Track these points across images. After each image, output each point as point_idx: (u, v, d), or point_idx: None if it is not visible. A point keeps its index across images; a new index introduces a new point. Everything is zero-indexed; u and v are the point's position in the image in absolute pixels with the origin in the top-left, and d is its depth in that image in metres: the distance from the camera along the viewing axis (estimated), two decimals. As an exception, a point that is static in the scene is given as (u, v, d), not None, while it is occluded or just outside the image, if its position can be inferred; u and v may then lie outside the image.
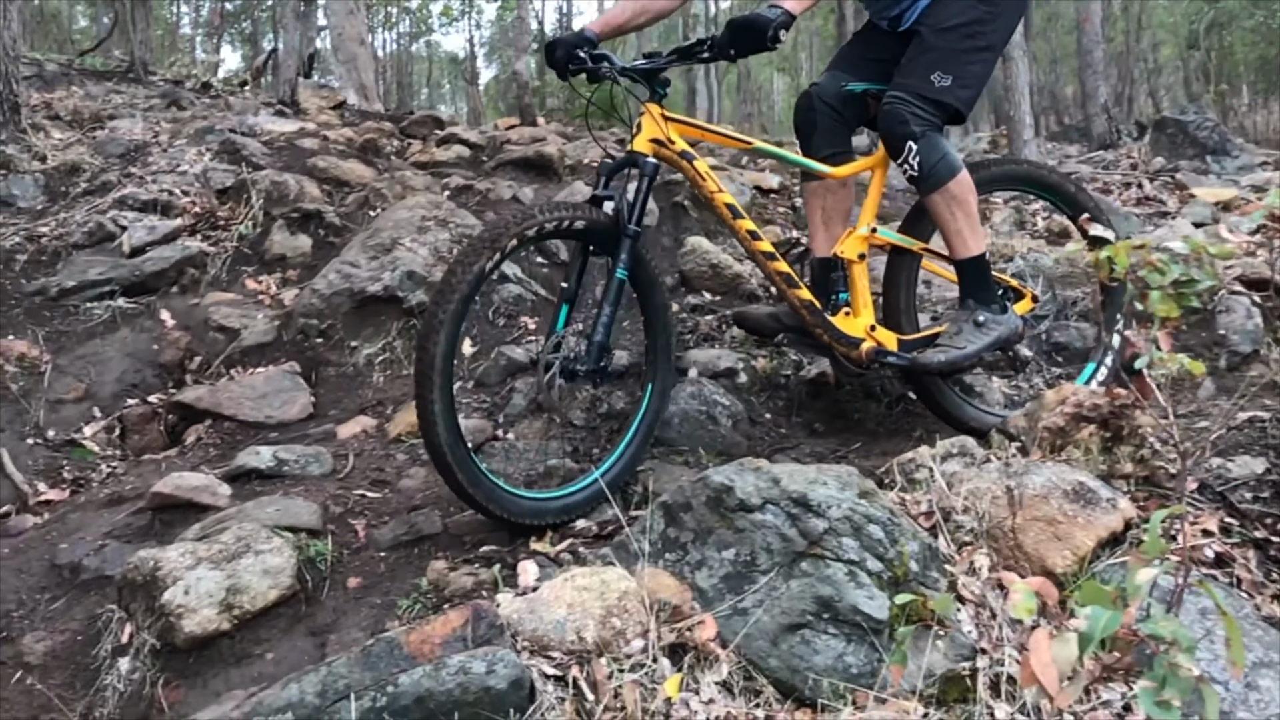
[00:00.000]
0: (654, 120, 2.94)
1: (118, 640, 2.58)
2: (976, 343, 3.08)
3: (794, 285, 3.06)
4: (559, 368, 2.76)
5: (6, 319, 4.67)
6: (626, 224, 2.83)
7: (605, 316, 2.80)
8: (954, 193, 3.04)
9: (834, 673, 2.08)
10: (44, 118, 7.33)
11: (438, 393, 2.58)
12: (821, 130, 3.28)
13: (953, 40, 3.03)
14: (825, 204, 3.31)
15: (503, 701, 1.89)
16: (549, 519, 2.81)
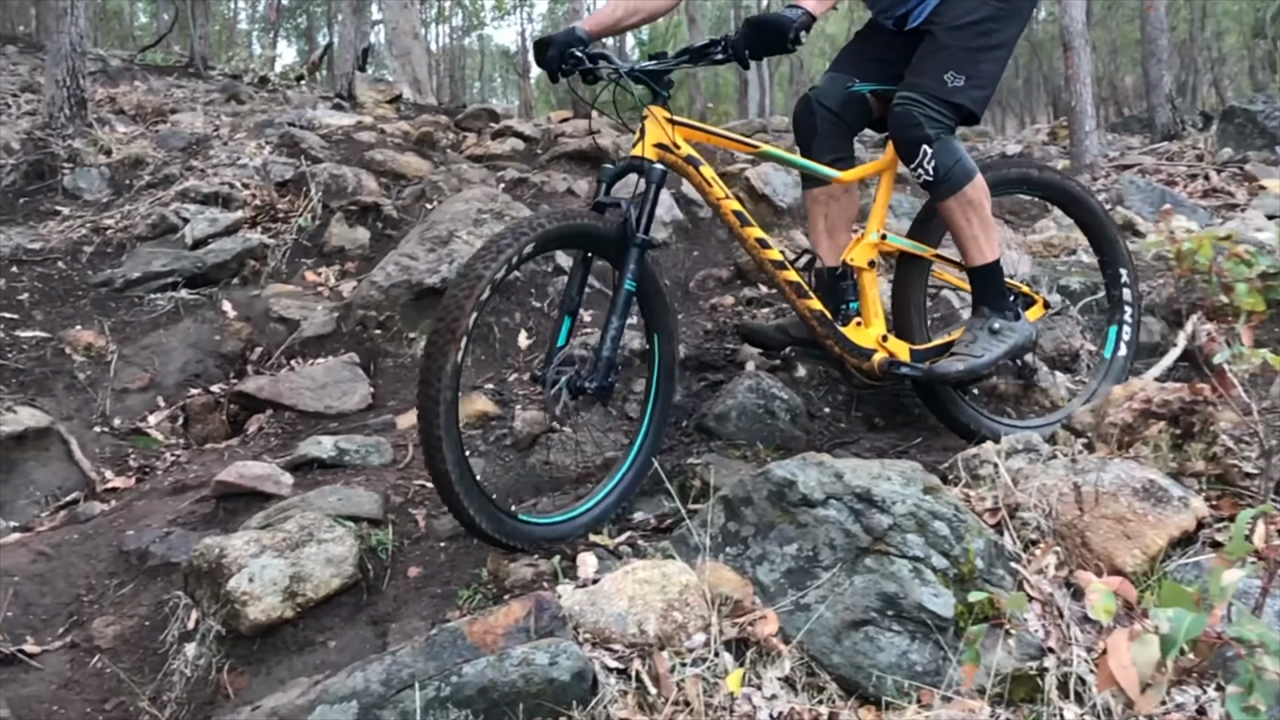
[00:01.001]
0: (659, 124, 2.80)
1: (184, 626, 2.62)
2: (993, 351, 2.98)
3: (804, 295, 2.93)
4: (566, 385, 2.62)
5: (74, 309, 4.77)
6: (634, 233, 2.69)
7: (613, 330, 2.67)
8: (970, 197, 2.93)
9: (898, 670, 2.05)
10: (109, 112, 7.49)
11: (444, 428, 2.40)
12: (822, 135, 3.15)
13: (965, 39, 2.92)
14: (829, 212, 3.19)
15: (565, 693, 1.89)
16: (561, 539, 2.68)
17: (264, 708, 2.06)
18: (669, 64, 2.84)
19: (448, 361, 2.36)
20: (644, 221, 2.71)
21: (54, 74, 6.93)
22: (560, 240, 2.68)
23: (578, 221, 2.66)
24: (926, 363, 3.04)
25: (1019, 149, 8.91)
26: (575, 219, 2.67)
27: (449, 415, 2.38)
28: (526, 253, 2.53)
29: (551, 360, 2.66)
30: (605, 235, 2.70)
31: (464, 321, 2.38)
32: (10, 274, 5.03)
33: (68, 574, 3.02)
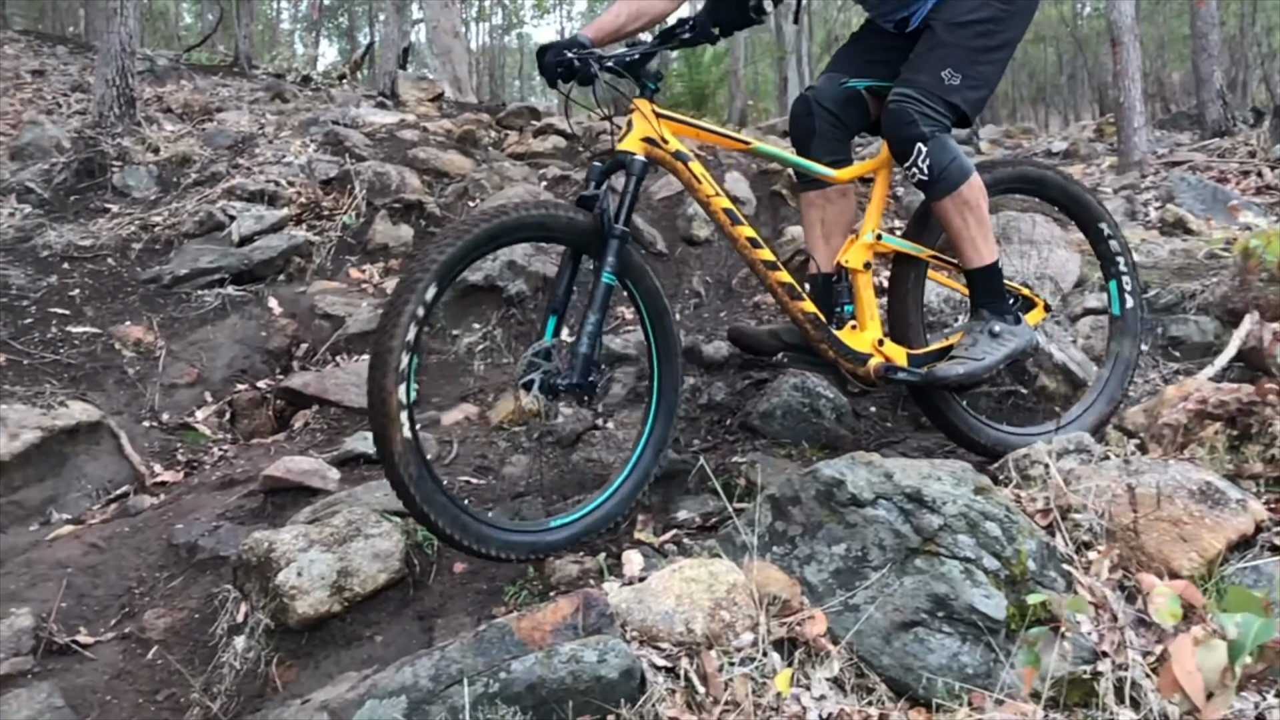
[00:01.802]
0: (645, 117, 2.72)
1: (233, 619, 2.65)
2: (994, 354, 2.88)
3: (797, 297, 2.85)
4: (539, 383, 2.54)
5: (123, 305, 4.84)
6: (612, 225, 2.60)
7: (591, 325, 2.57)
8: (966, 197, 2.83)
9: (949, 672, 2.03)
10: (156, 111, 7.59)
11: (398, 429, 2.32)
12: (820, 136, 3.06)
13: (965, 37, 2.84)
14: (825, 215, 3.10)
15: (614, 691, 1.89)
16: (542, 552, 2.59)
17: (314, 701, 2.07)
18: (641, 51, 2.74)
19: (396, 343, 2.30)
20: (624, 213, 2.63)
21: (104, 73, 7.04)
22: (524, 230, 2.55)
23: (547, 212, 2.58)
24: (925, 367, 2.95)
25: (1065, 146, 8.79)
26: (545, 209, 2.60)
27: (397, 397, 2.30)
28: (485, 239, 2.44)
29: (526, 357, 2.59)
30: (580, 227, 2.61)
31: (409, 309, 2.32)
32: (62, 270, 5.11)
33: (119, 566, 3.06)
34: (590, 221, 2.61)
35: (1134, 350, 3.22)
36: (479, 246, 2.46)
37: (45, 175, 6.22)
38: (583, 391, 2.56)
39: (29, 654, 2.67)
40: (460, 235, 2.41)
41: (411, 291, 2.33)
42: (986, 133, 10.61)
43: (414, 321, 2.33)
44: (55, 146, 6.58)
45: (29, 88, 9.09)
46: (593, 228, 2.61)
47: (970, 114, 2.91)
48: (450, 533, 2.39)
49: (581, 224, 2.61)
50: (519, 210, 2.52)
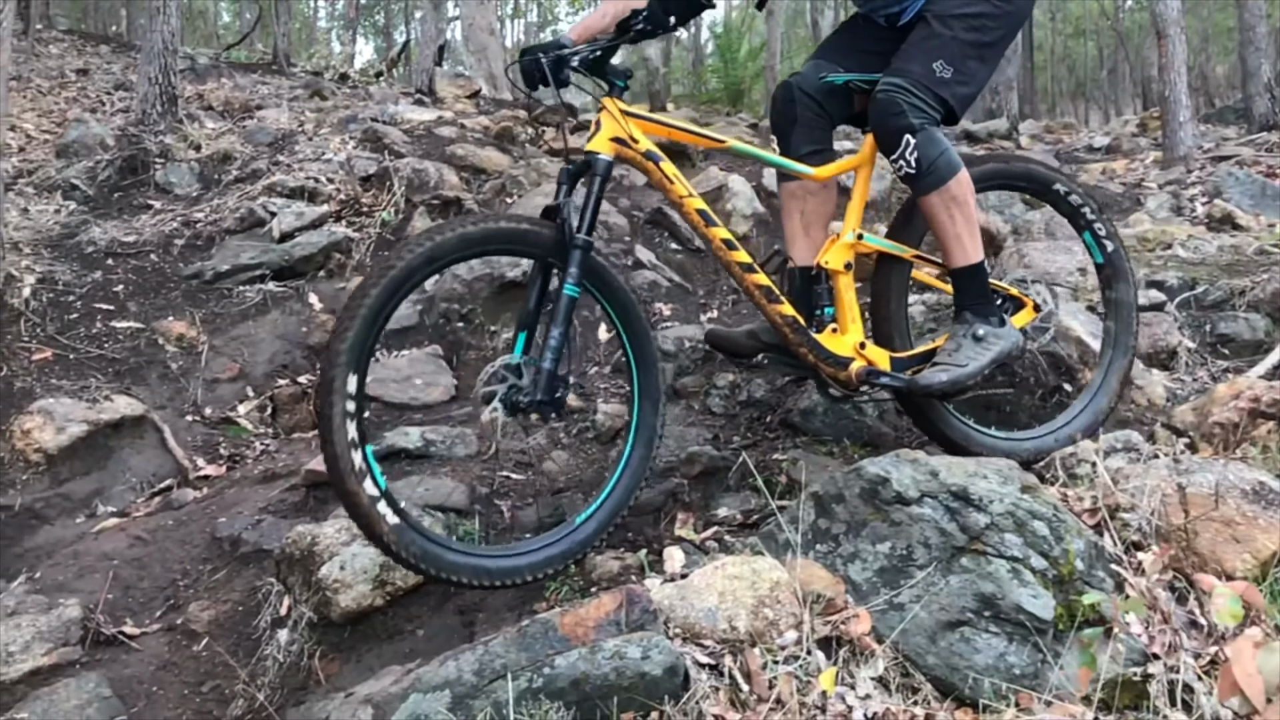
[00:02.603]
0: (613, 117, 2.60)
1: (276, 612, 2.67)
2: (978, 359, 2.76)
3: (775, 300, 2.74)
4: (502, 400, 2.43)
5: (166, 301, 4.89)
6: (574, 234, 2.47)
7: (554, 339, 2.45)
8: (954, 193, 2.73)
9: (995, 673, 2.01)
10: (198, 108, 7.67)
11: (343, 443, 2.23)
12: (802, 125, 2.95)
13: (958, 30, 2.75)
14: (805, 207, 2.99)
15: (657, 688, 1.88)
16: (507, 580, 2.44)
17: (357, 695, 2.08)
18: (599, 46, 2.62)
19: (342, 353, 2.23)
20: (586, 221, 2.50)
21: (147, 71, 7.12)
22: (482, 244, 2.45)
23: (503, 225, 2.47)
24: (908, 371, 2.84)
25: (1107, 141, 8.67)
26: (506, 221, 2.49)
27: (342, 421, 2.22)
28: (440, 256, 2.37)
29: (487, 373, 2.48)
30: (543, 239, 2.50)
31: (356, 328, 2.25)
32: (106, 266, 5.18)
33: (163, 559, 3.09)
34: (553, 232, 2.50)
35: (1130, 292, 3.11)
36: (438, 260, 2.38)
37: (90, 172, 6.31)
38: (547, 408, 2.47)
39: (77, 644, 2.71)
40: (420, 247, 2.35)
41: (354, 315, 2.26)
42: (1026, 128, 10.50)
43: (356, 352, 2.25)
44: (99, 144, 6.67)
45: (73, 86, 9.23)
46: (556, 239, 2.50)
47: (958, 111, 2.81)
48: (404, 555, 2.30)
49: (544, 236, 2.50)
50: (482, 223, 2.45)
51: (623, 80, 2.66)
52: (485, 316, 4.58)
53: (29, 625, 2.74)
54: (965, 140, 8.97)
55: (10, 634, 2.71)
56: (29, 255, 5.17)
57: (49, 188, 6.18)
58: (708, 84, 14.64)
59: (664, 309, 4.60)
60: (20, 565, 3.22)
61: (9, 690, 2.58)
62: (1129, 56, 23.84)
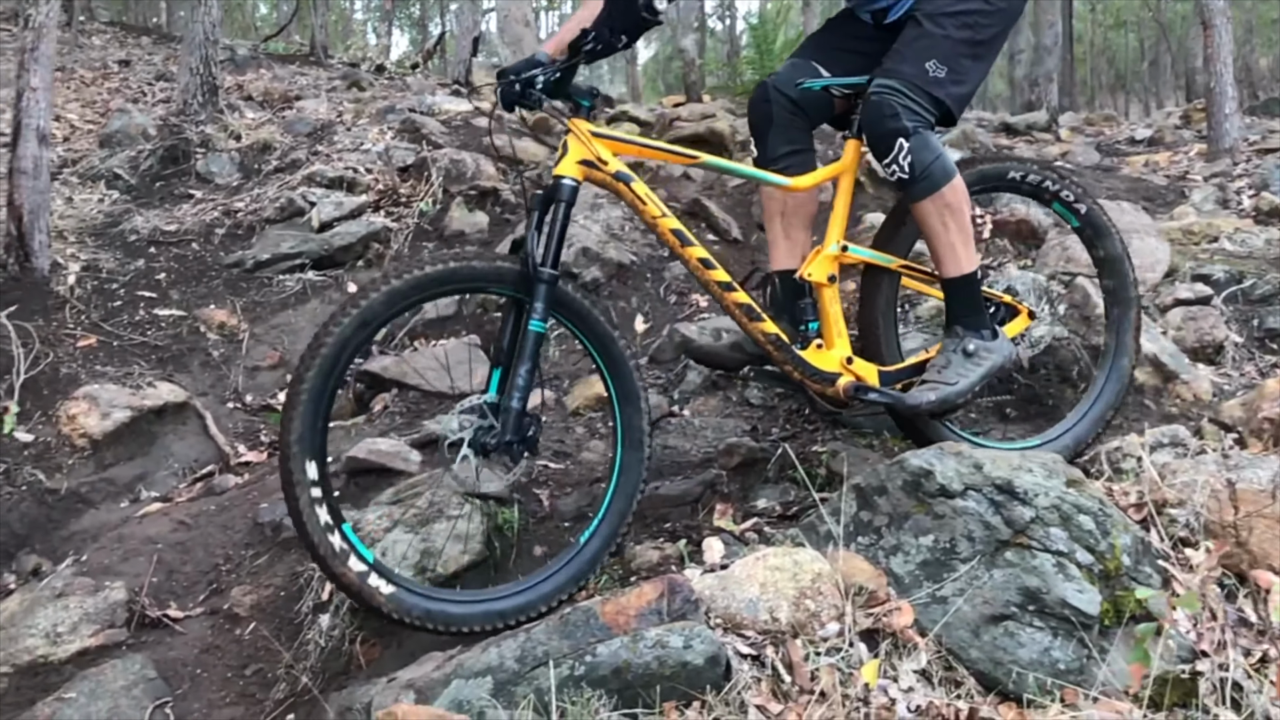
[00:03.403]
0: (580, 139, 2.49)
1: (318, 597, 2.69)
2: (968, 376, 2.67)
3: (756, 318, 2.64)
4: (470, 442, 2.36)
5: (208, 289, 4.95)
6: (537, 268, 2.36)
7: (521, 378, 2.37)
8: (948, 200, 2.64)
9: (1040, 667, 1.99)
10: (238, 99, 7.74)
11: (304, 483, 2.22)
12: (779, 126, 2.85)
13: (950, 28, 2.65)
14: (785, 209, 2.90)
15: (699, 677, 1.88)
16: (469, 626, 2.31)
17: (399, 680, 2.09)
18: (556, 68, 2.50)
19: (293, 445, 2.21)
20: (551, 252, 2.39)
21: (188, 62, 7.20)
22: (440, 284, 2.36)
23: (469, 264, 2.39)
24: (897, 386, 2.76)
25: (1149, 133, 8.54)
26: (467, 260, 2.41)
27: (311, 511, 2.21)
28: (400, 300, 2.30)
29: (454, 415, 2.41)
30: (507, 274, 2.40)
31: (300, 415, 2.22)
32: (149, 255, 5.24)
33: (206, 543, 3.13)
34: (517, 266, 2.40)
35: (1116, 245, 3.00)
36: (405, 297, 2.32)
37: (132, 162, 6.39)
38: (517, 449, 2.38)
39: (123, 626, 2.75)
40: (386, 283, 2.30)
41: (296, 404, 2.23)
42: (1066, 120, 10.35)
43: (307, 440, 2.22)
44: (141, 134, 6.75)
45: (115, 77, 9.36)
46: (522, 274, 2.39)
47: (954, 111, 2.71)
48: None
49: (508, 271, 2.40)
50: (440, 264, 2.35)
51: (588, 100, 2.55)
52: (524, 305, 4.59)
53: (76, 607, 2.78)
54: (1004, 133, 8.87)
55: (59, 615, 2.76)
56: (74, 243, 5.25)
57: (93, 177, 6.27)
58: (743, 75, 14.53)
59: (700, 300, 4.59)
60: (67, 548, 3.27)
61: (57, 670, 2.62)
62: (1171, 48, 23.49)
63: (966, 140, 6.32)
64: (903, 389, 2.75)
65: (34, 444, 3.80)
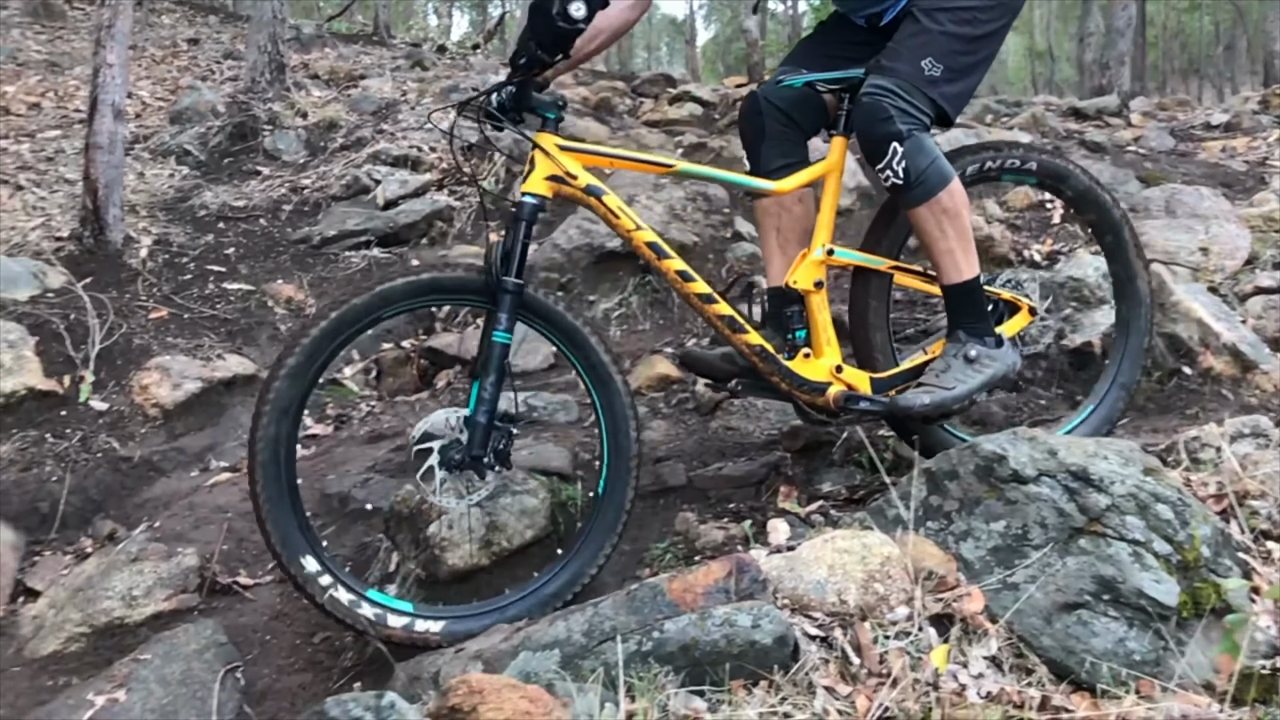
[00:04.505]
0: (546, 154, 2.43)
1: (385, 568, 2.73)
2: (967, 383, 2.57)
3: (739, 330, 2.56)
4: (438, 457, 2.38)
5: (275, 264, 5.02)
6: (501, 279, 2.36)
7: (487, 391, 2.38)
8: (945, 205, 2.53)
9: (1114, 658, 1.95)
10: (304, 77, 7.83)
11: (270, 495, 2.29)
12: (771, 138, 2.76)
13: (946, 23, 2.53)
14: (781, 224, 2.80)
15: (767, 657, 1.87)
16: None
17: (467, 650, 2.11)
18: (507, 86, 2.46)
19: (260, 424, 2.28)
20: (515, 263, 2.38)
21: (256, 40, 7.30)
22: (405, 297, 2.38)
23: (433, 275, 2.41)
24: (891, 392, 2.67)
25: (1226, 118, 8.31)
26: (433, 270, 2.43)
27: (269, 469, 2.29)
28: (366, 316, 2.33)
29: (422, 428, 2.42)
30: (473, 285, 2.41)
31: (271, 390, 2.27)
32: (218, 229, 5.33)
33: (275, 513, 3.17)
34: (482, 278, 2.40)
35: (1083, 180, 2.88)
36: (370, 311, 2.34)
37: (201, 138, 6.50)
38: (482, 464, 2.38)
39: (194, 591, 2.82)
40: (350, 300, 2.33)
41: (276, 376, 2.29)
42: (1137, 104, 10.11)
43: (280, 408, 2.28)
44: (211, 111, 6.86)
45: (185, 55, 9.51)
46: (486, 284, 2.40)
47: (951, 111, 2.60)
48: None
49: (473, 282, 2.41)
50: (405, 278, 2.38)
51: (554, 112, 2.48)
52: (584, 286, 4.60)
53: (150, 571, 2.85)
54: (1073, 117, 8.69)
55: (134, 579, 2.83)
56: (146, 217, 5.36)
57: (163, 153, 6.39)
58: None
59: (764, 282, 4.56)
60: (140, 514, 3.35)
61: (133, 632, 2.69)
62: (1248, 31, 22.84)
63: (1036, 124, 6.21)
64: (899, 394, 2.66)
65: (108, 413, 3.89)
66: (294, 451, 2.35)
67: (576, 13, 2.27)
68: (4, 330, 3.98)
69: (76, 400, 3.92)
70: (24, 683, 2.60)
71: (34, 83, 8.03)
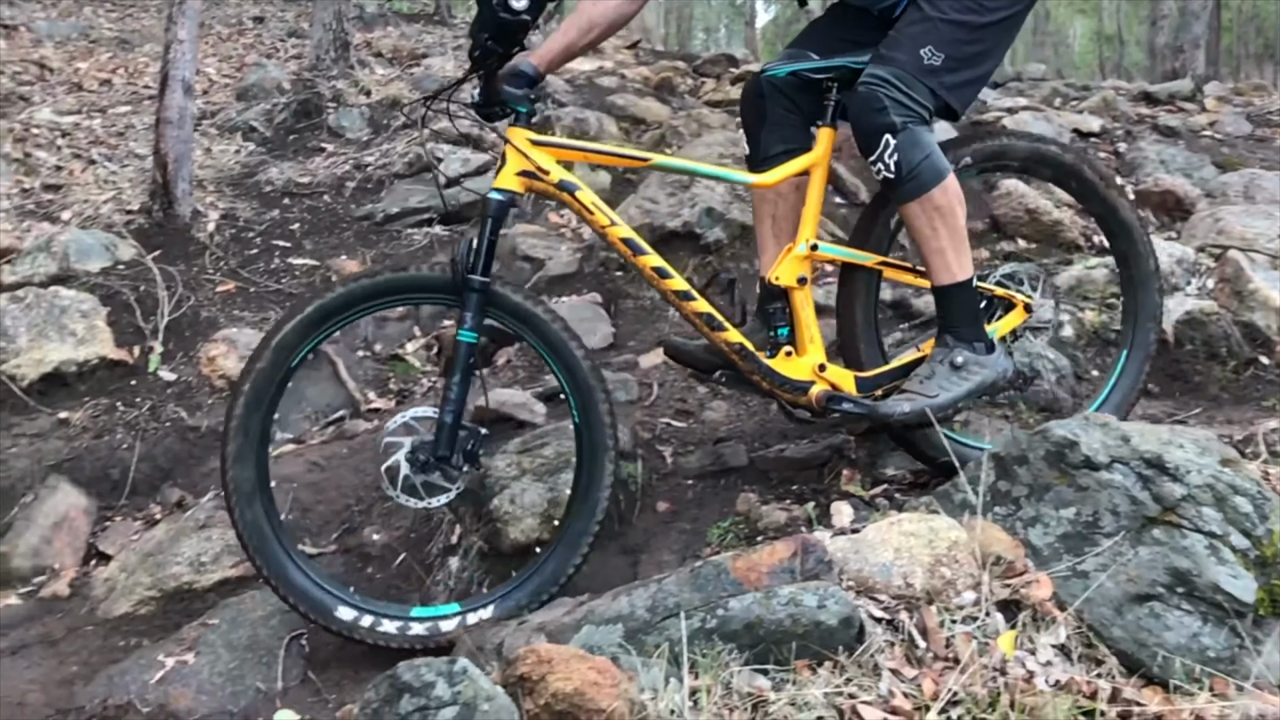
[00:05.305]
0: (518, 150, 2.42)
1: (447, 540, 2.76)
2: (951, 391, 2.48)
3: (718, 328, 2.52)
4: (406, 458, 2.38)
5: (339, 240, 5.08)
6: (466, 276, 2.35)
7: (453, 391, 2.37)
8: (938, 202, 2.44)
9: (1187, 653, 1.91)
10: (367, 55, 7.89)
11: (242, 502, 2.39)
12: (772, 123, 2.69)
13: (948, 10, 2.44)
14: (776, 211, 2.73)
15: (832, 638, 1.86)
16: None
17: (531, 623, 2.13)
18: (464, 80, 2.48)
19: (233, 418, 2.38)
20: (481, 260, 2.36)
21: (321, 18, 7.37)
22: (373, 296, 2.40)
23: (395, 275, 2.43)
24: (878, 392, 2.60)
25: (1304, 103, 8.06)
26: (399, 272, 2.44)
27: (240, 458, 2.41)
28: (335, 314, 2.38)
29: (389, 427, 2.44)
30: (437, 283, 2.41)
31: (247, 382, 2.36)
32: (283, 205, 5.40)
33: (338, 485, 3.22)
34: (448, 275, 2.39)
35: (1103, 176, 2.80)
36: (340, 311, 2.38)
37: (267, 115, 6.58)
38: (449, 464, 2.39)
39: (261, 559, 2.86)
40: (319, 297, 2.38)
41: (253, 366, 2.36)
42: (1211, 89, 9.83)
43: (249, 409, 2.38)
44: (276, 88, 6.95)
45: (250, 33, 9.63)
46: (452, 282, 2.39)
47: (956, 103, 2.52)
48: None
49: (440, 280, 2.40)
50: (373, 276, 2.41)
51: (525, 106, 2.46)
52: (644, 266, 4.59)
53: (218, 539, 2.91)
54: (1144, 101, 8.48)
55: (202, 545, 2.89)
56: (213, 192, 5.45)
57: (230, 129, 6.48)
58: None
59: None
60: (207, 483, 3.42)
61: (201, 597, 2.75)
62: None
63: (1107, 107, 6.07)
64: (885, 394, 2.60)
65: (176, 383, 3.97)
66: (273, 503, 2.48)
67: (517, 4, 2.26)
68: (77, 300, 4.08)
69: (146, 370, 4.00)
70: (97, 641, 2.68)
71: (105, 59, 8.19)
